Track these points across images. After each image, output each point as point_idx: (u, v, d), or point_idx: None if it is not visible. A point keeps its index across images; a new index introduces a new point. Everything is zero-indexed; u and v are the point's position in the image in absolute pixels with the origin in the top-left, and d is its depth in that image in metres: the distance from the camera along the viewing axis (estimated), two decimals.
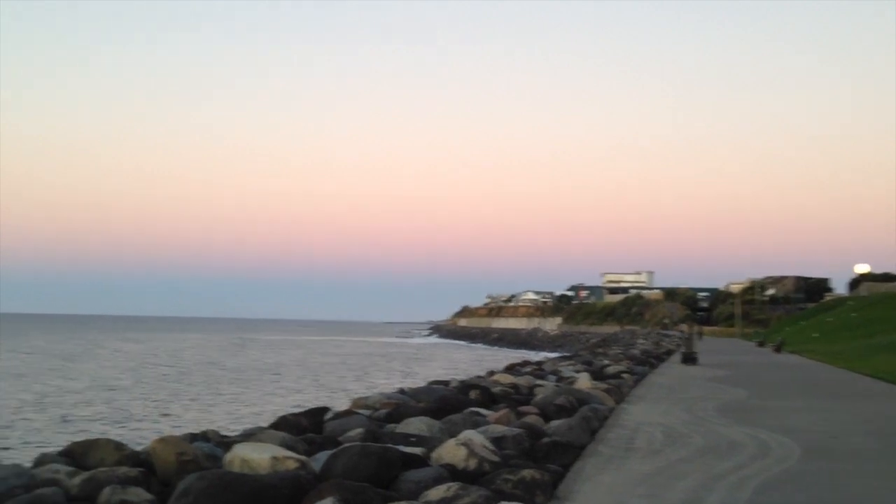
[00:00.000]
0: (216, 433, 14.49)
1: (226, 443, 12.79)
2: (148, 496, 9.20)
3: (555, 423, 13.63)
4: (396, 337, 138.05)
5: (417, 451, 10.18)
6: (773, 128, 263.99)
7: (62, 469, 10.83)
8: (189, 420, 22.77)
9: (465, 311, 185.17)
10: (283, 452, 9.63)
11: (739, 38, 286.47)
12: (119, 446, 12.03)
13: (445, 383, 22.61)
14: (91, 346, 71.42)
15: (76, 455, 12.04)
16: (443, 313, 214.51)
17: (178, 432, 17.94)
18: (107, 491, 9.12)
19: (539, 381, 21.46)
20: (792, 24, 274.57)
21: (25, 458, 14.62)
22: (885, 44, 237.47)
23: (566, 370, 25.98)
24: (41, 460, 11.88)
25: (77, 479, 9.86)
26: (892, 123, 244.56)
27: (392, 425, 13.58)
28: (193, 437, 13.33)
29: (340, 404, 23.66)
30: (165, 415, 24.05)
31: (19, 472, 10.50)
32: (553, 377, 23.57)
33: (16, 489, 10.03)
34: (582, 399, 16.53)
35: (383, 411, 15.85)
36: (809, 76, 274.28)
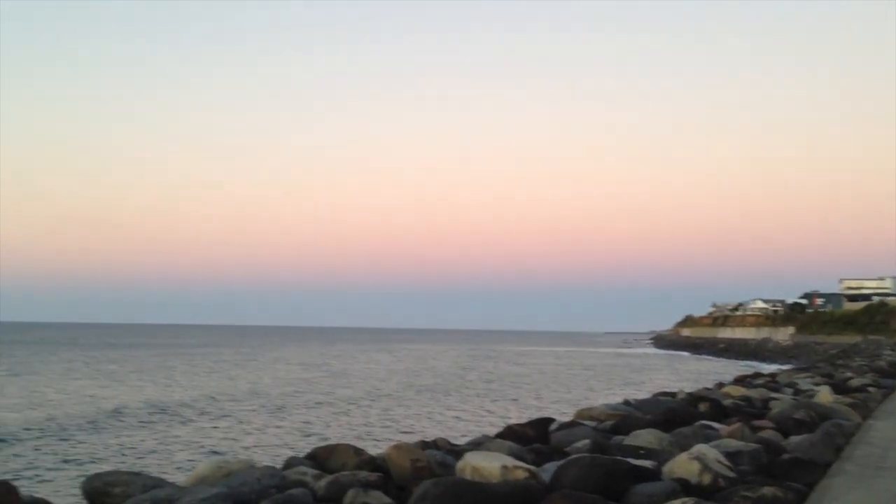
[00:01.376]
0: (446, 441, 14.96)
1: (455, 451, 13.17)
2: (387, 500, 9.62)
3: (794, 438, 12.86)
4: (617, 347, 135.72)
5: (647, 463, 9.98)
6: None
7: (309, 471, 11.62)
8: (419, 427, 23.63)
9: (689, 321, 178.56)
10: (512, 462, 9.77)
11: None
12: (358, 451, 12.72)
13: (672, 395, 22.00)
14: (351, 357, 75.63)
15: (320, 459, 12.87)
16: (664, 323, 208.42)
17: (409, 439, 18.70)
18: (350, 493, 9.65)
19: (774, 394, 20.36)
20: None
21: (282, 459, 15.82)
22: None
23: (803, 383, 24.43)
24: (290, 463, 12.80)
25: (322, 482, 10.53)
26: None
27: (619, 437, 13.40)
28: (425, 445, 13.84)
29: (564, 415, 23.67)
30: (391, 420, 25.08)
31: (272, 473, 11.37)
32: (789, 390, 22.27)
33: (269, 489, 10.88)
34: (823, 414, 15.46)
35: (609, 423, 15.67)
36: None
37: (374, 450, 15.35)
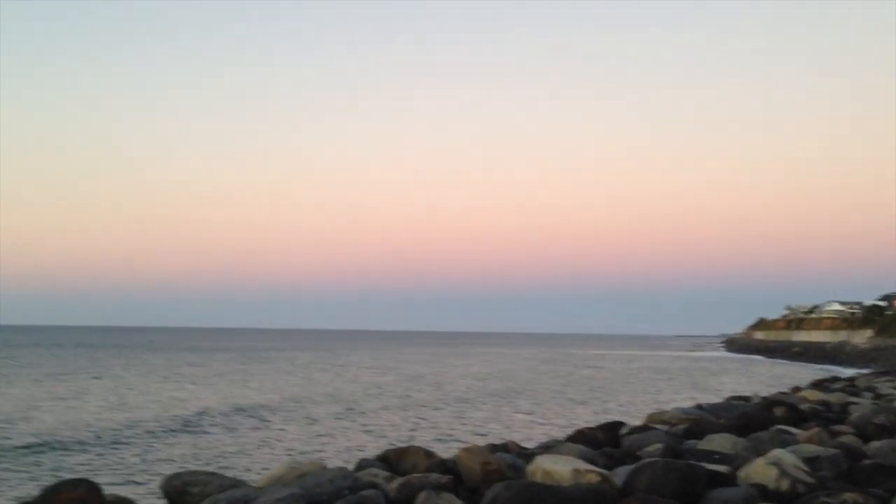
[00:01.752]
0: (515, 444, 14.96)
1: (525, 454, 13.15)
2: (458, 502, 9.67)
3: (875, 444, 12.49)
4: (687, 350, 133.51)
5: (722, 468, 9.81)
6: None
7: (380, 473, 11.74)
8: (489, 430, 23.62)
9: (762, 324, 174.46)
10: (583, 465, 9.72)
11: None
12: (428, 454, 12.81)
13: (746, 399, 21.58)
14: (422, 361, 76.09)
15: (391, 461, 12.99)
16: (735, 326, 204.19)
17: (479, 442, 18.72)
18: (422, 496, 9.72)
19: (853, 399, 19.82)
20: None
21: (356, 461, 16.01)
22: None
23: (884, 387, 23.72)
24: (361, 465, 12.96)
25: (394, 484, 10.63)
26: None
27: (692, 441, 13.20)
28: (495, 448, 13.86)
29: (634, 419, 23.39)
30: (463, 424, 25.13)
31: (345, 475, 11.53)
32: (868, 394, 21.64)
33: (343, 490, 11.03)
34: None
35: (681, 427, 15.45)
36: None
37: (444, 452, 15.42)
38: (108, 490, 11.51)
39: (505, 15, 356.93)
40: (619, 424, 16.15)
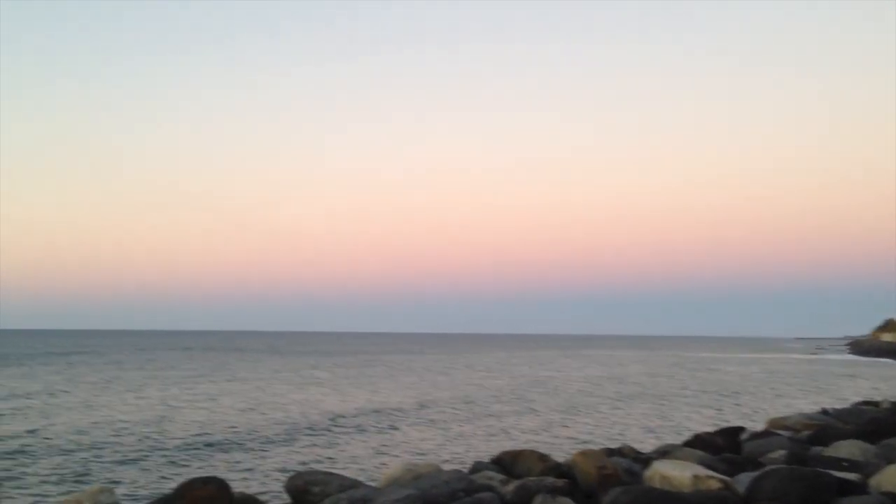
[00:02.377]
0: (631, 448, 14.77)
1: (641, 459, 12.98)
2: None
3: None
4: (809, 353, 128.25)
5: (852, 476, 9.44)
6: None
7: (495, 476, 11.82)
8: (603, 434, 23.36)
9: (890, 325, 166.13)
10: (703, 471, 9.52)
11: None
12: (543, 457, 12.81)
13: (875, 404, 20.64)
14: (539, 363, 76.10)
15: (505, 463, 13.06)
16: (862, 328, 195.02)
17: (593, 446, 18.55)
18: (538, 499, 9.73)
19: None
20: None
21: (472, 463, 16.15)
22: None
23: None
24: (476, 467, 13.07)
25: (510, 486, 10.68)
26: None
27: (818, 448, 12.74)
28: (611, 452, 13.73)
29: (753, 424, 22.68)
30: (565, 427, 24.94)
31: (460, 477, 11.65)
32: None
33: (458, 492, 11.15)
34: None
35: (805, 433, 14.94)
36: None
37: (558, 456, 15.36)
38: (237, 488, 12.00)
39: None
40: (739, 429, 15.73)
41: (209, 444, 19.90)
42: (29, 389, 36.47)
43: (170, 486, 13.13)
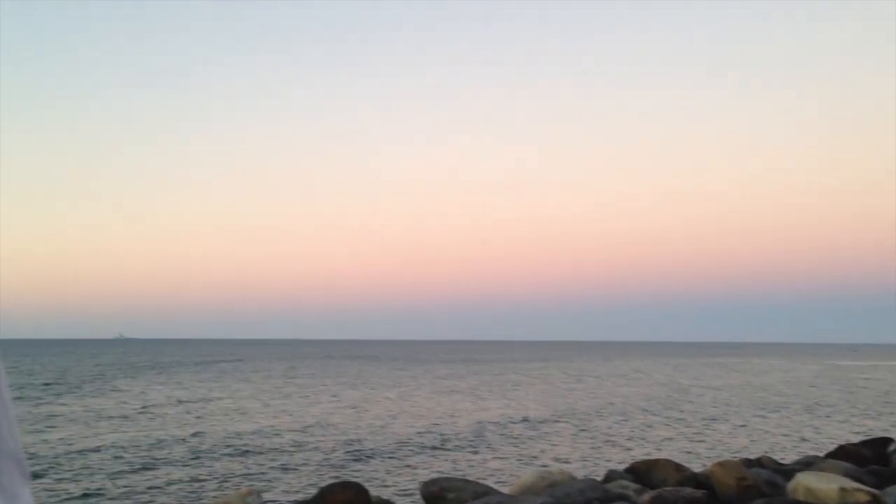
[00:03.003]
0: (771, 459, 14.35)
1: (783, 470, 12.60)
2: None
3: None
4: None
5: None
6: None
7: (630, 485, 11.77)
8: (739, 444, 22.70)
9: None
10: (850, 484, 9.20)
11: None
12: (679, 467, 12.65)
13: None
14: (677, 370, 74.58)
15: (640, 473, 12.97)
16: None
17: (730, 456, 18.07)
18: None
19: None
20: None
21: (597, 471, 16.10)
22: None
23: None
24: (610, 476, 13.04)
25: (646, 496, 10.63)
26: None
27: None
28: (749, 463, 13.40)
29: None
30: (697, 438, 24.29)
31: (594, 486, 11.68)
32: None
33: (592, 501, 11.18)
34: None
35: None
36: None
37: (694, 466, 15.11)
38: (375, 493, 12.44)
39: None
40: (887, 441, 15.00)
41: (355, 451, 20.51)
42: (184, 396, 38.48)
43: (314, 490, 13.69)
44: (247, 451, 20.19)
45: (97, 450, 20.25)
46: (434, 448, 21.16)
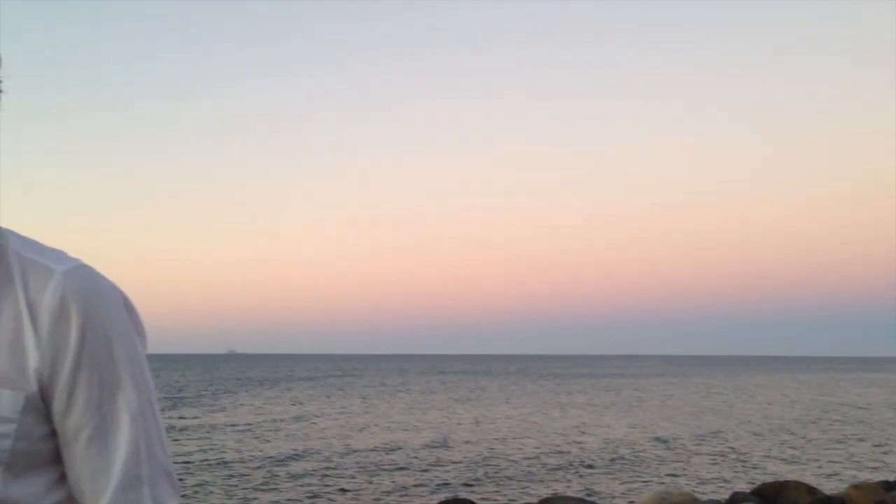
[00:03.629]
0: None
1: None
2: None
3: None
4: None
5: None
6: None
7: None
8: (875, 465, 21.47)
9: None
10: None
11: None
12: (811, 489, 12.06)
13: None
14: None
15: (767, 495, 12.41)
16: None
17: (866, 477, 17.08)
18: None
19: None
20: None
21: (719, 494, 15.49)
22: None
23: None
24: (735, 497, 12.53)
25: None
26: None
27: None
28: (888, 486, 12.63)
29: None
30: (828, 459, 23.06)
31: None
32: None
33: None
34: None
35: None
36: None
37: (827, 488, 14.34)
38: None
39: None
40: None
41: (475, 469, 20.37)
42: (302, 411, 39.16)
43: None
44: (367, 468, 20.34)
45: (226, 462, 20.88)
46: (559, 467, 20.74)
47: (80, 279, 1.14)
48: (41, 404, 1.12)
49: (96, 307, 1.14)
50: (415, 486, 17.77)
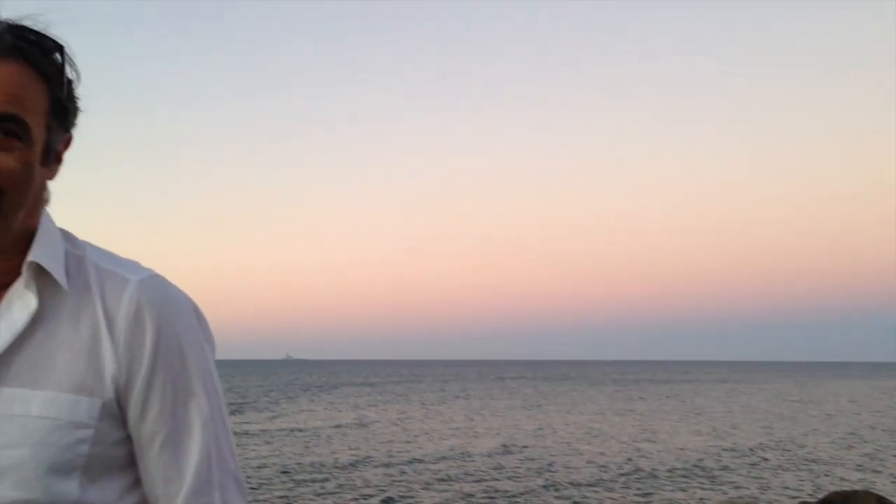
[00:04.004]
0: None
1: None
2: None
3: None
4: None
5: None
6: None
7: None
8: None
9: None
10: None
11: None
12: (881, 500, 11.70)
13: None
14: None
15: None
16: None
17: None
18: None
19: None
20: None
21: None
22: None
23: None
24: None
25: None
26: None
27: None
28: None
29: None
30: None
31: None
32: None
33: None
34: None
35: None
36: None
37: None
38: None
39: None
40: None
41: (543, 478, 20.05)
42: (364, 416, 39.06)
43: None
44: (431, 476, 20.07)
45: (289, 468, 20.98)
46: (622, 475, 20.28)
47: (153, 289, 1.19)
48: (117, 410, 1.16)
49: (169, 316, 1.18)
50: (480, 494, 17.60)
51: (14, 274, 1.17)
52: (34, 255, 1.16)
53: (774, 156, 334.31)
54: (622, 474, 20.42)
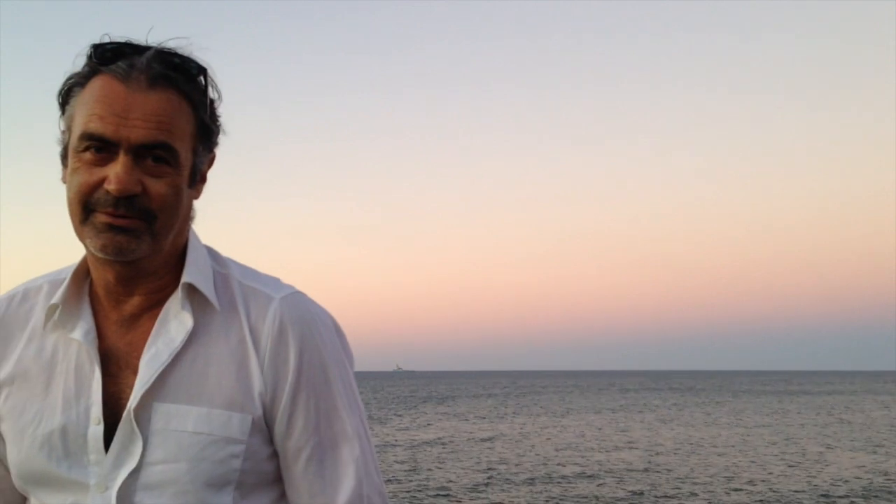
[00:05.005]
0: None
1: None
2: None
3: None
4: None
5: None
6: None
7: None
8: None
9: None
10: None
11: None
12: None
13: None
14: None
15: None
16: None
17: None
18: None
19: None
20: None
21: None
22: None
23: None
24: None
25: None
26: None
27: None
28: None
29: None
30: None
31: None
32: None
33: None
34: None
35: None
36: None
37: None
38: None
39: None
40: None
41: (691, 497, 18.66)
42: (495, 428, 38.20)
43: None
44: (575, 491, 19.10)
45: (429, 482, 20.27)
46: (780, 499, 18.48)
47: (296, 305, 1.21)
48: (265, 426, 1.17)
49: (311, 333, 1.20)
50: None
51: (164, 292, 1.19)
52: (188, 275, 1.18)
53: None
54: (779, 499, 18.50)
